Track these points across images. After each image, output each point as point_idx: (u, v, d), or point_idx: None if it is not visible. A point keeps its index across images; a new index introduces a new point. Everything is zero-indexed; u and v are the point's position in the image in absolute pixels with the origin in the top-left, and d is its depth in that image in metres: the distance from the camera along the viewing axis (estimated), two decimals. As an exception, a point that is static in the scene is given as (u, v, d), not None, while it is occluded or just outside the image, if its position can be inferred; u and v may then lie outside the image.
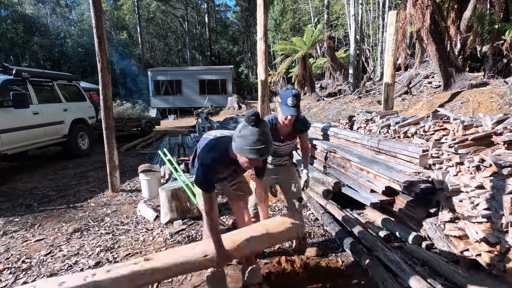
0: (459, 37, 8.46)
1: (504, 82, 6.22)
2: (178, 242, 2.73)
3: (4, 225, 3.28)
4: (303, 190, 2.41)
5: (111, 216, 3.45)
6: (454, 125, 3.21)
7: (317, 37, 15.05)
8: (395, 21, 5.38)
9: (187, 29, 32.43)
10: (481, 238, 2.05)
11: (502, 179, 1.98)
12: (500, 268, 1.98)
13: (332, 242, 2.71)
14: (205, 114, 9.88)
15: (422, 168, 2.91)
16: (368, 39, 20.15)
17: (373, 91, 12.12)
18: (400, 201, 2.88)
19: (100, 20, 3.85)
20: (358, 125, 5.32)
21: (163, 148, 6.62)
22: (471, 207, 2.15)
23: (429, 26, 6.60)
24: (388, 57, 5.57)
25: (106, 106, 4.05)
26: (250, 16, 31.61)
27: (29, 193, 4.41)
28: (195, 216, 3.22)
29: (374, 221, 2.98)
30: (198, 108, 17.99)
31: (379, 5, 18.26)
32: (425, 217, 2.61)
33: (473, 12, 8.15)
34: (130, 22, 32.85)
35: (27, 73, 5.68)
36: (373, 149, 3.67)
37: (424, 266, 2.23)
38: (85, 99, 7.42)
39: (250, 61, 32.69)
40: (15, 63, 23.94)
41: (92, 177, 5.23)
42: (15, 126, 5.05)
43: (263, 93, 4.34)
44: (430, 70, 10.09)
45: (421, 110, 6.66)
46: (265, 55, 4.21)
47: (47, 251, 2.65)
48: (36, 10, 28.19)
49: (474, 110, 5.36)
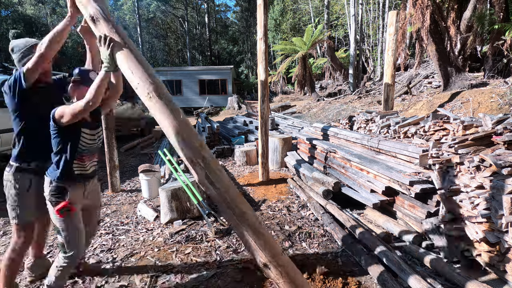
0: (459, 37, 8.47)
1: (504, 82, 6.22)
2: (178, 242, 2.73)
3: (4, 225, 3.28)
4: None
5: (111, 216, 3.45)
6: (454, 125, 3.22)
7: (317, 37, 15.07)
8: (395, 21, 5.39)
9: (187, 29, 32.43)
10: (481, 238, 2.05)
11: (502, 179, 1.98)
12: (500, 268, 1.98)
13: (332, 242, 2.71)
14: (205, 114, 9.89)
15: (422, 168, 2.91)
16: (368, 39, 20.16)
17: (373, 91, 12.12)
18: (400, 201, 2.88)
19: (100, 20, 3.84)
20: (358, 125, 5.33)
21: (163, 148, 6.62)
22: (471, 207, 2.15)
23: (429, 26, 6.60)
24: (388, 57, 5.57)
25: (106, 106, 4.05)
26: (250, 16, 31.61)
27: (29, 193, 4.41)
28: (195, 216, 3.22)
29: (374, 221, 2.98)
30: (198, 108, 17.98)
31: (379, 5, 18.27)
32: (425, 217, 2.61)
33: (473, 12, 8.15)
34: (130, 22, 32.86)
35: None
36: (373, 149, 3.67)
37: (424, 266, 2.23)
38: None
39: (250, 61, 32.68)
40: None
41: (92, 177, 5.22)
42: (15, 126, 5.04)
43: (263, 93, 4.34)
44: (430, 70, 10.10)
45: (421, 110, 6.66)
46: (265, 55, 4.21)
47: (47, 251, 2.65)
48: (37, 10, 28.20)
49: (474, 110, 5.37)
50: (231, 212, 1.43)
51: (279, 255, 1.46)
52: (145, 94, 1.42)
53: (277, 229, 2.92)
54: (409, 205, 2.77)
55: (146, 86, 1.42)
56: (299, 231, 2.87)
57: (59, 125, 1.64)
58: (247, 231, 1.42)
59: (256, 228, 1.44)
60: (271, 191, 4.07)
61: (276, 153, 5.24)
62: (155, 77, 1.47)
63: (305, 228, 2.93)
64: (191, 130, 1.46)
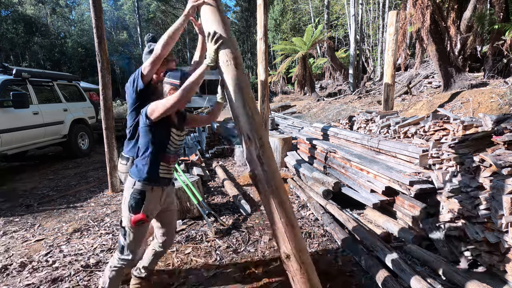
0: (459, 37, 8.46)
1: (504, 82, 6.22)
2: (178, 242, 2.73)
3: (4, 225, 3.28)
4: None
5: (111, 216, 3.45)
6: (454, 125, 3.22)
7: (317, 37, 15.06)
8: (395, 21, 5.39)
9: (187, 29, 32.40)
10: (481, 238, 2.05)
11: (502, 179, 1.98)
12: (500, 268, 1.98)
13: (332, 242, 2.71)
14: (205, 114, 9.88)
15: (422, 168, 2.91)
16: (368, 39, 20.16)
17: (373, 91, 12.12)
18: (400, 201, 2.88)
19: (100, 20, 3.85)
20: (358, 125, 5.32)
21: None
22: (471, 207, 2.15)
23: (429, 26, 6.59)
24: (388, 57, 5.57)
25: (106, 106, 4.05)
26: (250, 16, 31.59)
27: (29, 193, 4.41)
28: (195, 216, 3.22)
29: (374, 221, 2.98)
30: (198, 108, 17.96)
31: (379, 5, 18.27)
32: (425, 217, 2.61)
33: (473, 12, 8.15)
34: (130, 22, 32.85)
35: (27, 73, 5.68)
36: (373, 149, 3.67)
37: (424, 266, 2.23)
38: (85, 99, 7.42)
39: (250, 61, 32.66)
40: (15, 63, 23.97)
41: (92, 177, 5.23)
42: (15, 126, 5.05)
43: (263, 93, 4.34)
44: (430, 70, 10.09)
45: (421, 110, 6.66)
46: (265, 55, 4.21)
47: (47, 251, 2.65)
48: (37, 10, 28.20)
49: (474, 110, 5.36)
50: (272, 196, 1.44)
51: (304, 250, 1.49)
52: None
53: (277, 229, 2.92)
54: (409, 205, 2.77)
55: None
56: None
57: (151, 120, 1.58)
58: (282, 219, 1.44)
59: (291, 218, 1.46)
60: (271, 191, 4.06)
61: (276, 153, 5.24)
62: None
63: (305, 228, 2.93)
64: (257, 109, 1.52)
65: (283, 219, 1.44)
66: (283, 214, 1.44)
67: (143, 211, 1.62)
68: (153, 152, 1.64)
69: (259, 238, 2.78)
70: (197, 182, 3.44)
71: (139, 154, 1.69)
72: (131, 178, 1.66)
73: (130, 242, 1.69)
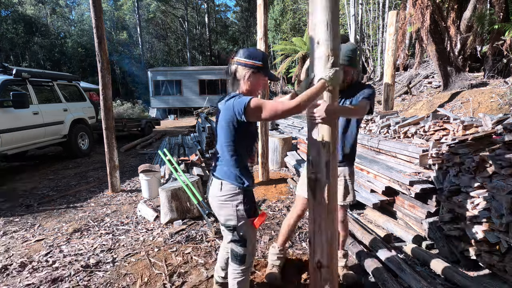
0: (459, 37, 8.46)
1: (504, 82, 6.22)
2: (178, 242, 2.73)
3: (4, 225, 3.28)
4: None
5: (111, 216, 3.45)
6: (454, 125, 3.22)
7: (317, 37, 15.06)
8: (395, 21, 5.39)
9: (187, 29, 32.42)
10: (481, 238, 2.05)
11: (502, 179, 1.98)
12: (500, 268, 1.98)
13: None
14: (205, 114, 9.88)
15: (422, 168, 2.91)
16: (368, 39, 20.14)
17: (373, 91, 12.10)
18: (400, 201, 2.88)
19: (100, 20, 3.85)
20: (358, 125, 5.32)
21: (163, 148, 6.62)
22: (471, 207, 2.15)
23: (429, 26, 6.59)
24: (388, 57, 5.57)
25: (106, 106, 4.06)
26: (250, 16, 31.62)
27: (29, 193, 4.41)
28: (195, 216, 3.22)
29: (374, 221, 2.98)
30: (198, 108, 17.97)
31: (379, 5, 18.26)
32: (425, 217, 2.61)
33: (473, 12, 8.15)
34: (130, 22, 32.86)
35: (27, 73, 5.68)
36: (373, 149, 3.67)
37: (424, 266, 2.23)
38: (85, 99, 7.42)
39: (250, 61, 32.62)
40: (15, 63, 23.96)
41: (92, 177, 5.23)
42: (15, 126, 5.05)
43: (263, 93, 4.34)
44: (430, 70, 10.10)
45: (421, 110, 6.66)
46: (265, 55, 4.22)
47: (47, 251, 2.65)
48: (37, 10, 28.21)
49: (474, 110, 5.36)
50: (327, 206, 1.44)
51: (336, 265, 1.56)
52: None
53: (277, 229, 2.92)
54: (409, 205, 2.77)
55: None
56: (299, 231, 2.87)
57: (248, 117, 1.40)
58: (328, 231, 1.46)
59: (334, 233, 1.48)
60: (271, 191, 4.07)
61: (276, 153, 5.25)
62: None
63: (305, 228, 2.93)
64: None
65: (330, 231, 1.46)
66: (331, 227, 1.46)
67: (257, 209, 1.61)
68: (246, 152, 1.59)
69: (259, 238, 2.78)
70: (197, 182, 3.44)
71: (229, 154, 1.57)
72: (232, 185, 1.53)
73: (252, 247, 1.61)
